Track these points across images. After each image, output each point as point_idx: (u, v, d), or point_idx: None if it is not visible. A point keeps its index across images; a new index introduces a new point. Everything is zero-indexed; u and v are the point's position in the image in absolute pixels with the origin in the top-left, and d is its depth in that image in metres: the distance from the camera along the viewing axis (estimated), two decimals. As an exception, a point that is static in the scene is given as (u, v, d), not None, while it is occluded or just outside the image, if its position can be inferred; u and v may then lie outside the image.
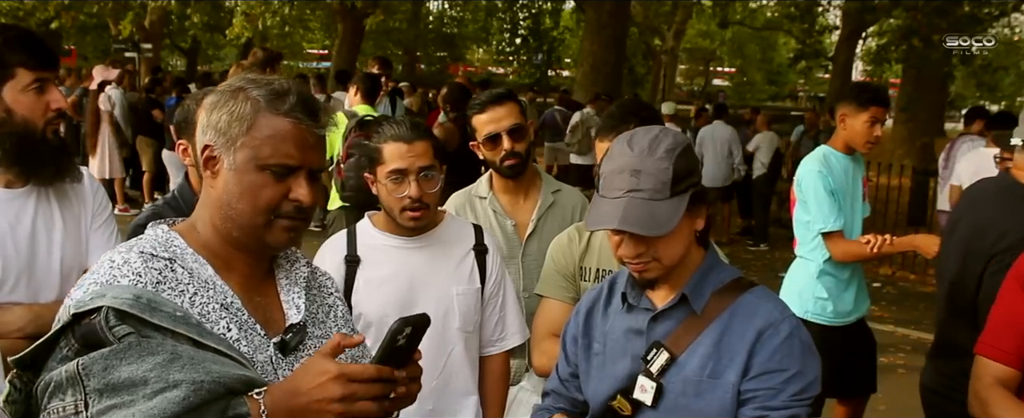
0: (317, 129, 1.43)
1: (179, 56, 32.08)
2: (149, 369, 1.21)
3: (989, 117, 7.58)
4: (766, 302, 1.74)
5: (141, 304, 1.28)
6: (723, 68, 41.41)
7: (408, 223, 2.30)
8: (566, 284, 2.43)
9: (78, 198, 2.12)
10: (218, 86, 1.50)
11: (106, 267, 1.37)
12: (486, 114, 2.75)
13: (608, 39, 14.84)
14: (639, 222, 1.62)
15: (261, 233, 1.42)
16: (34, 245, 2.00)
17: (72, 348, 1.28)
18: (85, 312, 1.28)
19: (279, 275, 1.54)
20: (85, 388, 1.22)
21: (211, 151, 1.43)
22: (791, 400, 1.65)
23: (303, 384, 1.28)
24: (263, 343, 1.43)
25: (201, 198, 1.50)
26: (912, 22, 13.67)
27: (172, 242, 1.44)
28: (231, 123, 1.40)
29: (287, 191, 1.41)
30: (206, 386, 1.22)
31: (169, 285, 1.37)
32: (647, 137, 1.70)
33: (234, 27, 15.76)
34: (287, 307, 1.50)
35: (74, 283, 2.05)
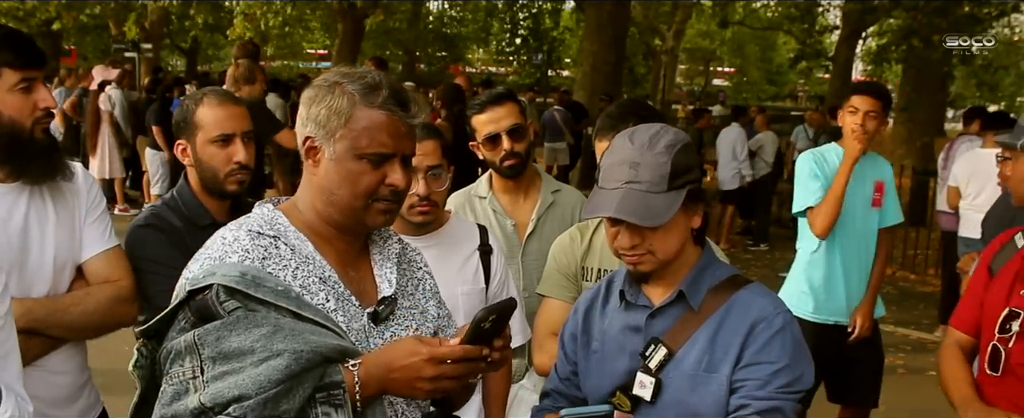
0: (408, 119, 1.57)
1: (179, 56, 32.07)
2: (255, 340, 1.38)
3: (987, 117, 7.57)
4: (761, 297, 1.77)
5: (247, 280, 1.43)
6: (723, 68, 41.37)
7: (416, 219, 2.32)
8: (567, 284, 2.44)
9: (72, 193, 2.12)
10: (314, 81, 1.62)
11: (218, 243, 1.53)
12: (486, 114, 2.76)
13: (608, 39, 14.83)
14: (634, 212, 1.66)
15: (360, 215, 1.57)
16: (26, 239, 2.00)
17: (189, 320, 1.45)
18: (199, 289, 1.44)
19: (373, 251, 1.68)
20: (201, 356, 1.39)
21: (312, 142, 1.56)
22: (776, 392, 1.67)
23: (396, 360, 1.43)
24: (357, 313, 1.57)
25: (303, 182, 1.62)
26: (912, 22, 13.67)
27: (277, 220, 1.58)
28: (330, 116, 1.53)
29: (383, 177, 1.55)
30: (305, 355, 1.37)
31: (273, 260, 1.51)
32: (648, 132, 1.74)
33: (235, 27, 15.76)
34: (379, 281, 1.64)
35: (67, 278, 2.09)
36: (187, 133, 2.33)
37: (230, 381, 1.35)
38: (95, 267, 2.12)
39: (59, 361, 2.08)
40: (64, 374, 2.10)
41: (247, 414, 1.33)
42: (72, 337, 2.09)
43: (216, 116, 2.30)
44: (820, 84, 33.71)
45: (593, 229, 2.48)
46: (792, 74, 36.09)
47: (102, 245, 2.14)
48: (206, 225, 2.32)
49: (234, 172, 2.31)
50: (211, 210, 2.34)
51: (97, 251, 2.13)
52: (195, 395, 1.36)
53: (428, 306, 1.73)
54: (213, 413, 1.34)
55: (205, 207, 2.34)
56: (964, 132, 7.80)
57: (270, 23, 16.00)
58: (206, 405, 1.35)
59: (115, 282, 2.13)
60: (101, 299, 2.08)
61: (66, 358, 2.10)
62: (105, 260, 2.14)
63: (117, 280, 2.13)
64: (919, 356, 6.48)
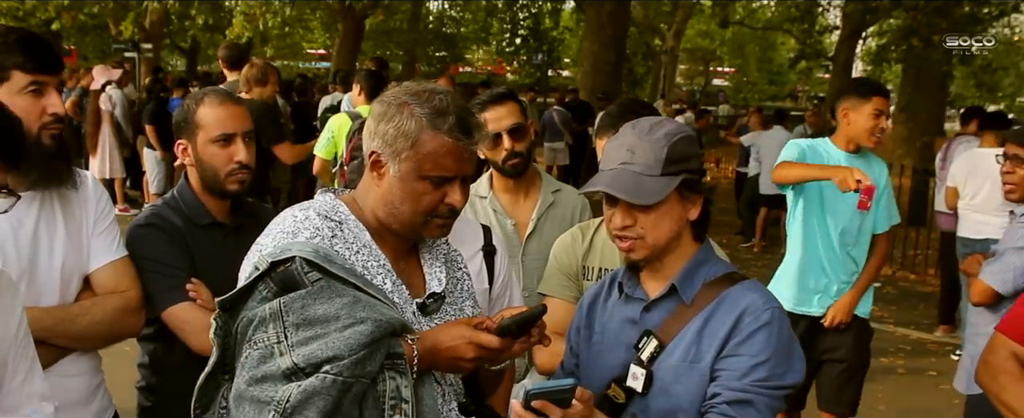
0: (471, 145, 1.66)
1: (179, 56, 32.07)
2: (339, 308, 1.47)
3: (984, 116, 7.57)
4: (752, 292, 1.77)
5: (321, 256, 1.53)
6: (723, 68, 41.39)
7: None
8: (569, 283, 2.45)
9: (81, 203, 2.11)
10: (383, 96, 1.69)
11: (290, 220, 1.65)
12: (487, 113, 2.76)
13: (608, 39, 14.85)
14: (625, 189, 1.71)
15: (419, 229, 1.69)
16: (36, 248, 2.00)
17: (271, 290, 1.52)
18: (280, 261, 1.53)
19: (422, 250, 1.80)
20: (284, 322, 1.47)
21: (378, 156, 1.65)
22: (752, 385, 1.66)
23: (444, 341, 1.60)
24: (408, 300, 1.69)
25: (364, 187, 1.72)
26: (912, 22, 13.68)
27: (338, 209, 1.69)
28: (397, 137, 1.62)
29: (443, 196, 1.66)
30: (383, 324, 1.48)
31: (340, 241, 1.63)
32: (650, 122, 1.79)
33: (234, 27, 15.77)
34: (429, 277, 1.76)
35: (74, 288, 2.08)
36: (188, 133, 2.33)
37: (320, 344, 1.44)
38: (102, 277, 2.11)
39: (72, 364, 2.07)
40: (77, 377, 2.10)
41: (343, 372, 1.43)
42: (79, 347, 2.08)
43: (217, 116, 2.30)
44: (820, 84, 33.74)
45: (594, 229, 2.48)
46: (792, 74, 36.08)
47: (110, 255, 2.13)
48: (206, 225, 2.32)
49: (235, 172, 2.31)
50: (211, 210, 2.34)
51: (105, 261, 2.12)
52: (285, 357, 1.44)
53: (465, 305, 1.85)
54: (304, 374, 1.43)
55: (206, 207, 2.34)
56: (962, 132, 7.79)
57: (270, 23, 16.02)
58: (299, 365, 1.44)
59: (123, 293, 2.11)
60: (108, 309, 2.07)
61: (79, 361, 2.09)
62: (112, 270, 2.12)
63: (124, 290, 2.12)
64: (919, 356, 6.48)
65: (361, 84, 5.83)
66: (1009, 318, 2.32)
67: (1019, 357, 2.25)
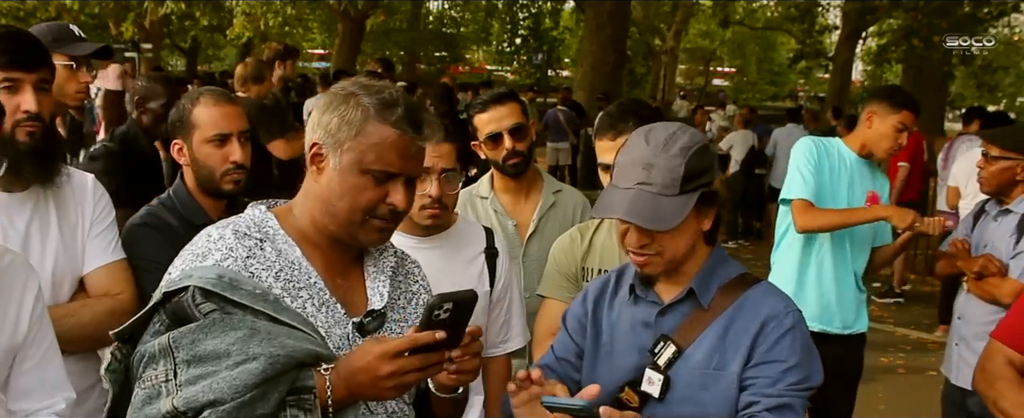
0: (420, 141, 1.54)
1: (179, 56, 32.07)
2: (231, 343, 1.36)
3: (987, 117, 7.57)
4: (771, 296, 1.77)
5: (223, 283, 1.42)
6: (723, 68, 41.38)
7: (426, 221, 2.30)
8: (568, 284, 2.44)
9: (77, 205, 2.09)
10: (332, 87, 1.60)
11: (203, 240, 1.54)
12: (488, 113, 2.76)
13: (608, 39, 14.85)
14: (643, 215, 1.65)
15: (355, 230, 1.55)
16: (27, 249, 1.97)
17: (164, 323, 1.43)
18: (174, 290, 1.43)
19: (367, 262, 1.65)
20: (175, 359, 1.36)
21: (319, 148, 1.53)
22: (786, 389, 1.67)
23: (355, 363, 1.42)
24: (341, 321, 1.55)
25: (303, 188, 1.60)
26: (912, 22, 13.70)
27: (266, 223, 1.57)
28: (341, 127, 1.51)
29: (385, 195, 1.53)
30: (281, 360, 1.36)
31: (257, 260, 1.50)
32: (664, 132, 1.72)
33: (235, 27, 15.78)
34: (371, 293, 1.62)
35: (67, 290, 2.06)
36: (183, 133, 2.33)
37: (205, 385, 1.33)
38: (96, 280, 2.09)
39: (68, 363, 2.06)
40: (72, 376, 2.08)
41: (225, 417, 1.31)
42: (65, 349, 2.06)
43: (212, 115, 2.29)
44: (820, 84, 33.73)
45: (593, 230, 2.47)
46: (792, 74, 36.08)
47: (105, 258, 2.11)
48: (202, 225, 2.30)
49: (230, 172, 2.30)
50: (207, 209, 2.33)
51: (100, 264, 2.10)
52: (168, 399, 1.34)
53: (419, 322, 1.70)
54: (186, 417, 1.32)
55: (201, 207, 2.33)
56: (963, 132, 7.79)
57: (270, 23, 16.01)
58: (179, 409, 1.32)
59: (115, 296, 2.09)
60: (97, 312, 2.04)
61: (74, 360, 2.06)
62: (107, 273, 2.11)
63: (117, 293, 2.10)
64: (919, 356, 6.47)
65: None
66: (1005, 325, 2.36)
67: (1015, 363, 2.28)
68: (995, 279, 3.10)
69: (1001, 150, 3.21)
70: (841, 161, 3.43)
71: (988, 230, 3.26)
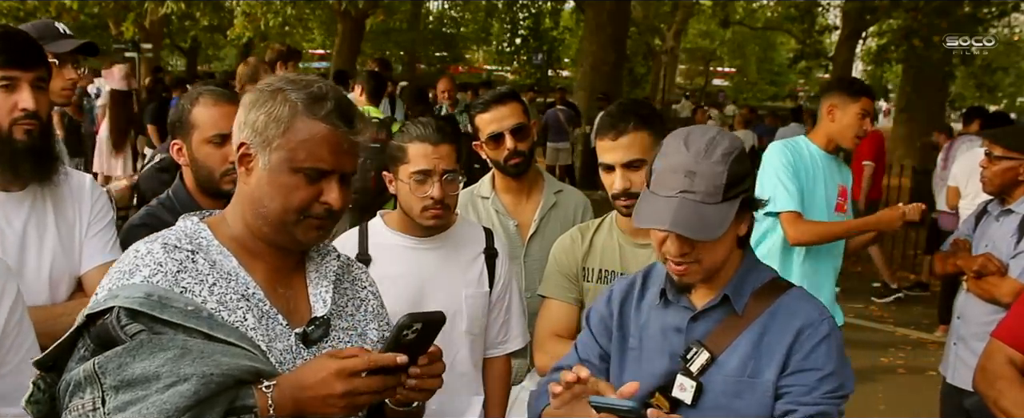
0: (352, 135, 1.47)
1: (179, 56, 32.06)
2: (160, 364, 1.28)
3: (987, 117, 7.58)
4: (805, 303, 1.76)
5: (152, 302, 1.34)
6: (723, 68, 41.36)
7: (428, 222, 2.31)
8: (568, 285, 2.44)
9: (75, 205, 2.09)
10: (256, 85, 1.53)
11: (130, 257, 1.45)
12: (489, 113, 2.76)
13: (608, 39, 14.83)
14: (689, 225, 1.61)
15: (291, 230, 1.48)
16: (24, 249, 1.98)
17: (88, 348, 1.35)
18: (98, 313, 1.35)
19: (309, 268, 1.58)
20: (102, 385, 1.28)
21: (247, 148, 1.47)
22: (823, 397, 1.67)
23: (307, 379, 1.35)
24: (284, 332, 1.47)
25: (236, 193, 1.53)
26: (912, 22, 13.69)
27: (199, 234, 1.49)
28: (268, 124, 1.44)
29: (318, 193, 1.46)
30: (215, 379, 1.28)
31: (189, 274, 1.42)
32: (704, 138, 1.68)
33: (235, 27, 15.77)
34: (313, 300, 1.54)
35: (64, 290, 2.06)
36: (183, 132, 2.32)
37: (134, 411, 1.26)
38: (93, 279, 2.07)
39: None
40: None
41: None
42: None
43: (211, 115, 2.28)
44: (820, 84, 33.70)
45: (594, 230, 2.48)
46: (792, 74, 36.06)
47: (102, 257, 2.10)
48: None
49: (230, 172, 2.29)
50: (206, 209, 2.33)
51: (97, 263, 2.09)
52: None
53: (368, 329, 1.62)
54: None
55: (201, 207, 2.33)
56: (964, 132, 7.80)
57: (270, 23, 16.00)
58: None
59: None
60: None
61: None
62: (104, 272, 2.10)
63: None
64: (919, 356, 6.47)
65: (362, 84, 5.82)
66: (1006, 325, 2.38)
67: (1015, 363, 2.29)
68: (994, 278, 3.11)
69: (1004, 150, 3.22)
70: (812, 160, 3.47)
71: (990, 230, 3.27)
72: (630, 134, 2.25)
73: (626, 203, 2.29)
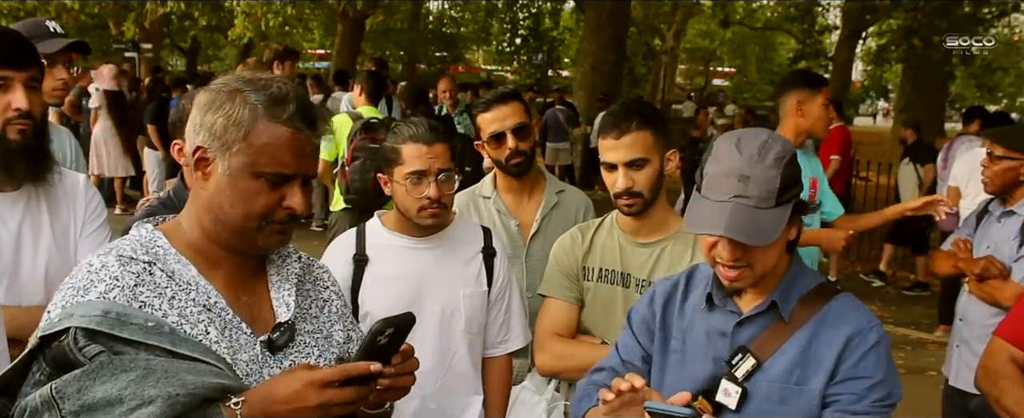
0: (314, 138, 1.42)
1: (179, 56, 32.07)
2: (123, 386, 1.21)
3: (987, 117, 7.57)
4: (854, 310, 1.74)
5: (110, 320, 1.27)
6: (723, 68, 41.37)
7: (426, 222, 2.32)
8: (569, 284, 2.44)
9: (69, 205, 2.08)
10: (212, 84, 1.47)
11: (84, 272, 1.36)
12: (491, 113, 2.76)
13: (608, 39, 14.84)
14: (743, 230, 1.59)
15: (253, 236, 1.42)
16: (19, 249, 1.98)
17: (44, 372, 1.27)
18: (53, 334, 1.27)
19: (270, 271, 1.52)
20: (61, 411, 1.21)
21: (204, 153, 1.41)
22: (872, 406, 1.66)
23: (278, 392, 1.30)
24: (248, 342, 1.42)
25: (190, 197, 1.48)
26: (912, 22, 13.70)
27: (155, 243, 1.42)
28: (228, 128, 1.38)
29: (281, 198, 1.41)
30: (181, 400, 1.22)
31: (147, 287, 1.35)
32: (756, 142, 1.65)
33: (236, 28, 15.78)
34: (276, 305, 1.49)
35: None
36: (182, 133, 2.32)
37: None
38: None
39: None
40: None
41: None
42: None
43: None
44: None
45: (594, 229, 2.48)
46: (792, 74, 36.02)
47: None
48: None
49: None
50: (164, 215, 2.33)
51: None
52: None
53: (333, 330, 1.58)
54: None
55: None
56: (964, 132, 7.80)
57: (270, 23, 16.00)
58: None
59: None
60: None
61: None
62: None
63: None
64: (919, 356, 6.47)
65: (361, 84, 5.81)
66: (1008, 323, 2.39)
67: (1018, 361, 2.30)
68: (997, 282, 3.10)
69: (1005, 150, 3.22)
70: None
71: (991, 231, 3.26)
72: (633, 133, 2.25)
73: (628, 202, 2.29)
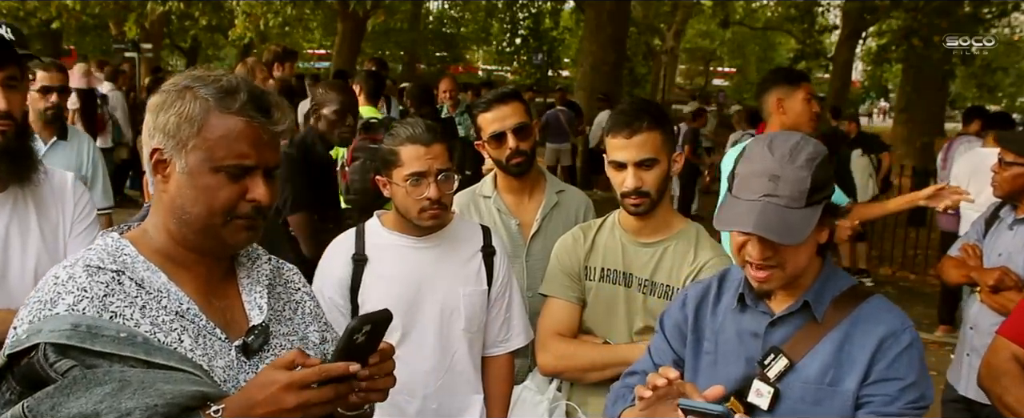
0: (271, 126, 1.40)
1: (179, 56, 32.07)
2: (99, 401, 1.18)
3: (987, 117, 7.57)
4: (887, 312, 1.75)
5: (81, 333, 1.24)
6: (723, 68, 41.38)
7: (426, 222, 2.32)
8: (571, 284, 2.44)
9: (57, 204, 2.07)
10: (162, 85, 1.44)
11: (50, 284, 1.33)
12: (491, 113, 2.77)
13: (608, 39, 14.84)
14: (773, 228, 1.61)
15: (219, 233, 1.40)
16: (7, 251, 1.97)
17: (14, 391, 1.24)
18: (21, 351, 1.24)
19: (240, 274, 1.51)
20: None
21: (161, 155, 1.39)
22: (905, 408, 1.67)
23: (256, 396, 1.27)
24: (223, 348, 1.40)
25: (153, 202, 1.46)
26: (912, 22, 13.70)
27: (122, 251, 1.40)
28: (180, 125, 1.36)
29: (244, 191, 1.38)
30: (160, 410, 1.20)
31: (117, 297, 1.33)
32: (788, 143, 1.68)
33: (236, 28, 15.78)
34: (249, 308, 1.47)
35: None
36: None
37: None
38: None
39: None
40: None
41: None
42: None
43: None
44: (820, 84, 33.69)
45: (596, 229, 2.48)
46: (792, 74, 36.00)
47: None
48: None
49: None
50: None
51: None
52: None
53: (309, 332, 1.57)
54: None
55: None
56: (963, 132, 7.80)
57: (270, 23, 16.00)
58: None
59: None
60: None
61: None
62: None
63: None
64: (920, 356, 6.48)
65: (361, 84, 5.80)
66: (1011, 322, 2.39)
67: (1020, 359, 2.30)
68: (1012, 293, 3.05)
69: (1015, 156, 3.18)
70: None
71: (1003, 239, 3.20)
72: (644, 133, 2.25)
73: (635, 201, 2.28)
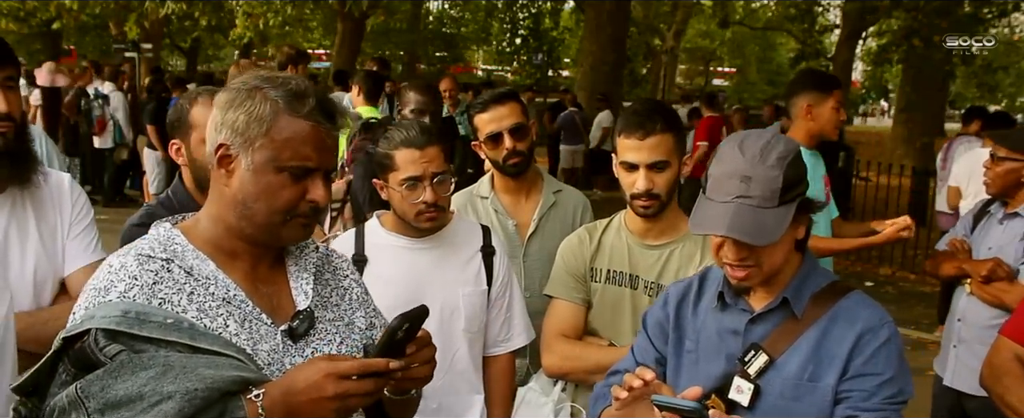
0: (334, 131, 1.46)
1: (179, 56, 32.07)
2: (143, 384, 1.26)
3: (987, 117, 7.57)
4: (865, 308, 1.76)
5: (130, 319, 1.32)
6: (723, 68, 41.37)
7: (424, 225, 2.32)
8: (576, 285, 2.43)
9: (55, 206, 2.06)
10: (228, 84, 1.50)
11: (104, 273, 1.42)
12: (488, 113, 2.77)
13: (608, 39, 14.85)
14: (746, 230, 1.61)
15: (278, 231, 1.46)
16: (6, 252, 1.96)
17: (69, 372, 1.32)
18: (75, 336, 1.32)
19: (289, 262, 1.56)
20: (87, 410, 1.26)
21: (227, 150, 1.44)
22: (884, 403, 1.67)
23: (298, 383, 1.32)
24: (269, 332, 1.45)
25: (211, 194, 1.50)
26: (912, 22, 13.70)
27: (173, 241, 1.46)
28: (250, 123, 1.42)
29: (304, 192, 1.44)
30: (200, 394, 1.26)
31: (166, 285, 1.40)
32: (759, 142, 1.68)
33: (237, 28, 15.79)
34: (295, 293, 1.52)
35: (49, 293, 2.03)
36: (181, 132, 2.32)
37: None
38: (77, 281, 2.04)
39: None
40: None
41: None
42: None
43: (209, 115, 2.28)
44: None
45: (602, 230, 2.47)
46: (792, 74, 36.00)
47: (86, 258, 2.08)
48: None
49: None
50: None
51: (81, 265, 2.07)
52: None
53: (355, 317, 1.62)
54: None
55: (200, 206, 2.33)
56: (963, 132, 7.80)
57: (270, 23, 16.01)
58: None
59: None
60: None
61: None
62: (88, 274, 2.07)
63: None
64: (918, 356, 6.47)
65: (360, 84, 5.81)
66: (1014, 321, 2.38)
67: (1022, 359, 2.30)
68: (1003, 284, 3.07)
69: (1008, 151, 3.19)
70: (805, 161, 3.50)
71: (992, 233, 3.23)
72: (657, 135, 2.24)
73: (645, 203, 2.28)
